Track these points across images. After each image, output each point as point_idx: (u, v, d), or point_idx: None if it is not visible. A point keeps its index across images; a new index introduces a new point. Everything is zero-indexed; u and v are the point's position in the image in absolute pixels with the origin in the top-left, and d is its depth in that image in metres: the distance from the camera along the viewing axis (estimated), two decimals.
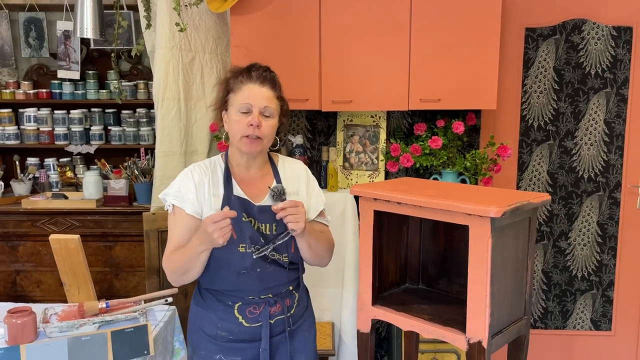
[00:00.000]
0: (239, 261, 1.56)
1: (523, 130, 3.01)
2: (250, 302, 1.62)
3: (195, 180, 1.63)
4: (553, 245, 3.08)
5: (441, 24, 2.55)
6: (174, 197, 1.63)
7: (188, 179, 1.63)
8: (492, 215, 1.29)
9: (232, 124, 1.61)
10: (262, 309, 1.62)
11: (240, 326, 1.62)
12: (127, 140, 3.46)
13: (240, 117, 1.59)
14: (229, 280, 1.60)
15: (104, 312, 1.90)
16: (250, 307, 1.62)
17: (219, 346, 1.64)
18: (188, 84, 2.77)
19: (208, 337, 1.65)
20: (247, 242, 1.56)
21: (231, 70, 1.70)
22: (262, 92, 1.61)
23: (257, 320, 1.62)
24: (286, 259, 1.62)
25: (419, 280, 1.80)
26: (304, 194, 1.70)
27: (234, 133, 1.61)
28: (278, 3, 2.57)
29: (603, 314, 3.11)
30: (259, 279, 1.60)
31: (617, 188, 3.01)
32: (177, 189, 1.63)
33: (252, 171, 1.68)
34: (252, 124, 1.57)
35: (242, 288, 1.61)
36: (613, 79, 2.93)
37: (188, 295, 2.81)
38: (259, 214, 1.60)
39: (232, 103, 1.62)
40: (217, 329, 1.64)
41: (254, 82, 1.61)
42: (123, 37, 3.33)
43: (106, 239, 3.16)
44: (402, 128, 2.99)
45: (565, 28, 2.92)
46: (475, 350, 1.38)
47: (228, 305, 1.63)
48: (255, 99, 1.59)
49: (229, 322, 1.63)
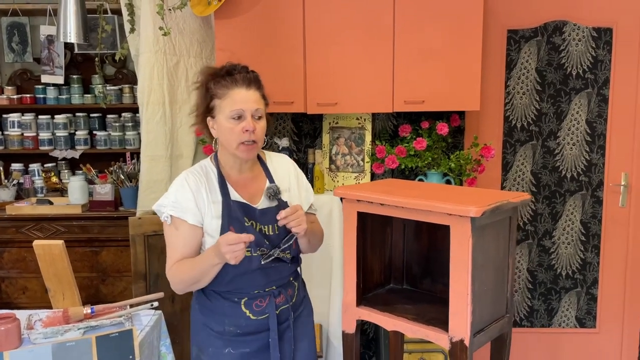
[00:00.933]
0: (246, 265, 1.58)
1: (507, 130, 3.04)
2: (256, 296, 1.65)
3: (192, 189, 1.61)
4: (538, 244, 3.12)
5: (424, 27, 2.57)
6: (172, 208, 1.60)
7: (184, 188, 1.61)
8: (472, 215, 1.31)
9: (224, 132, 1.59)
10: (268, 301, 1.66)
11: (247, 320, 1.65)
12: (112, 145, 3.45)
13: (233, 124, 1.57)
14: (235, 280, 1.63)
15: (89, 317, 1.89)
16: (256, 300, 1.65)
17: (226, 341, 1.67)
18: (173, 88, 2.77)
19: (216, 333, 1.67)
20: (252, 245, 1.57)
21: (208, 72, 1.64)
22: (250, 95, 1.58)
23: (264, 313, 1.66)
24: (289, 256, 1.67)
25: (403, 280, 1.81)
26: (295, 189, 1.72)
27: (229, 141, 1.59)
28: (262, 6, 2.58)
29: (587, 312, 3.15)
30: (264, 275, 1.64)
31: (599, 187, 3.05)
32: (174, 199, 1.61)
33: (245, 173, 1.68)
34: (248, 129, 1.56)
35: (248, 285, 1.64)
36: (594, 79, 2.98)
37: (175, 300, 2.81)
38: (261, 217, 1.62)
39: (221, 110, 1.59)
40: (225, 325, 1.66)
41: (240, 86, 1.58)
42: (107, 41, 3.32)
43: (92, 244, 3.15)
44: (388, 130, 3.01)
45: (547, 29, 2.96)
46: (457, 349, 1.40)
47: (234, 301, 1.65)
48: (245, 104, 1.57)
49: (236, 318, 1.65)
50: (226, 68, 1.62)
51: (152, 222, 2.73)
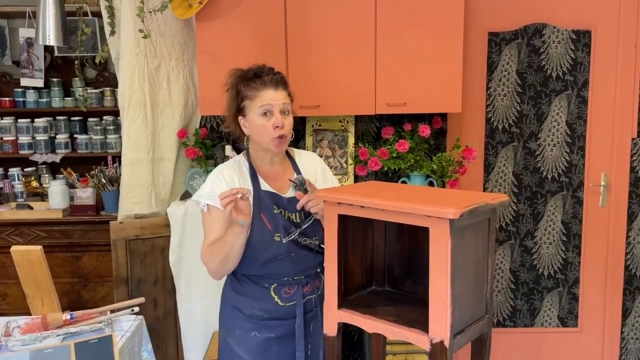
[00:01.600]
0: (275, 249, 1.74)
1: (488, 132, 3.07)
2: (285, 283, 1.80)
3: (227, 179, 1.77)
4: (520, 245, 3.14)
5: (406, 30, 2.59)
6: (208, 197, 1.75)
7: (219, 179, 1.78)
8: (450, 216, 1.32)
9: (257, 129, 1.76)
10: (296, 289, 1.80)
11: (275, 305, 1.79)
12: (94, 149, 3.42)
13: (264, 121, 1.74)
14: (266, 266, 1.77)
15: (69, 323, 1.87)
16: (285, 287, 1.80)
17: (254, 324, 1.80)
18: (154, 91, 2.75)
19: (245, 316, 1.81)
20: (282, 231, 1.74)
21: (236, 75, 1.80)
22: (278, 94, 1.75)
23: (291, 300, 1.80)
24: (316, 242, 1.79)
25: (385, 282, 1.81)
26: (321, 182, 1.90)
27: (262, 137, 1.75)
28: (244, 9, 2.58)
29: (569, 311, 3.18)
30: (292, 262, 1.78)
31: (579, 187, 3.09)
32: (210, 189, 1.76)
33: (275, 167, 1.85)
34: (278, 125, 1.73)
35: (278, 271, 1.78)
36: (573, 81, 3.02)
37: (158, 305, 2.79)
38: (289, 205, 1.78)
39: (251, 109, 1.75)
40: (254, 309, 1.80)
41: (269, 87, 1.75)
42: (87, 43, 3.29)
43: (73, 249, 3.11)
44: (371, 132, 3.02)
45: (527, 32, 2.99)
46: (437, 350, 1.40)
47: (264, 287, 1.79)
48: (274, 101, 1.74)
49: (265, 302, 1.79)
50: (253, 70, 1.78)
51: (134, 227, 2.71)
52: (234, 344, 1.84)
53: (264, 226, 1.74)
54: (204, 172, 2.78)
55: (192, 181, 2.81)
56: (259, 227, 1.73)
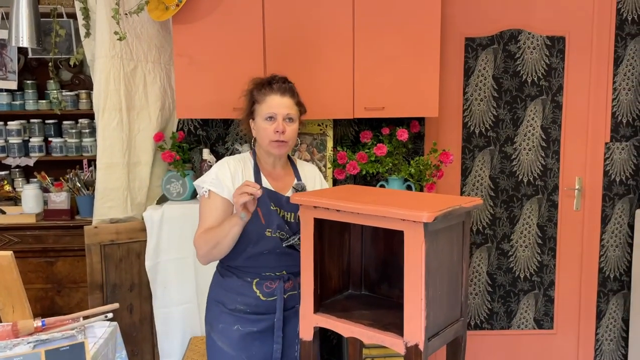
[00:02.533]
0: (264, 243, 1.82)
1: (465, 136, 3.10)
2: (267, 277, 1.87)
3: (231, 170, 1.86)
4: (496, 248, 3.18)
5: (384, 35, 2.60)
6: (211, 184, 1.84)
7: (224, 169, 1.86)
8: (424, 220, 1.33)
9: (260, 131, 1.87)
10: (277, 284, 1.87)
11: (257, 300, 1.86)
12: (69, 152, 3.36)
13: (267, 125, 1.85)
14: (252, 258, 1.84)
15: (40, 330, 1.82)
16: (267, 282, 1.87)
17: (236, 317, 1.87)
18: (130, 94, 2.72)
19: (228, 310, 1.88)
20: (274, 228, 1.82)
21: (254, 82, 1.94)
22: (284, 101, 1.86)
23: (273, 295, 1.87)
24: None
25: (361, 286, 1.81)
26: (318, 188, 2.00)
27: (263, 139, 1.86)
28: (221, 12, 2.57)
29: (545, 313, 3.22)
30: (277, 258, 1.85)
31: (554, 191, 3.13)
32: (214, 176, 1.85)
33: (278, 169, 1.95)
34: (278, 130, 1.83)
35: (262, 265, 1.85)
36: (548, 86, 3.07)
37: (133, 311, 2.75)
38: (286, 204, 1.85)
39: (259, 113, 1.88)
40: (237, 303, 1.87)
41: (276, 93, 1.87)
42: (62, 45, 3.24)
43: (47, 254, 3.05)
44: (349, 136, 3.02)
45: (503, 38, 3.03)
46: (412, 354, 1.40)
47: (247, 281, 1.87)
48: (278, 108, 1.85)
49: (247, 297, 1.86)
50: (268, 78, 1.92)
51: (109, 231, 2.67)
52: (217, 339, 1.90)
53: (258, 219, 1.81)
54: (180, 175, 2.75)
55: (168, 185, 2.78)
56: (253, 219, 1.78)
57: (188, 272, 2.72)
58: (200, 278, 2.70)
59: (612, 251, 3.16)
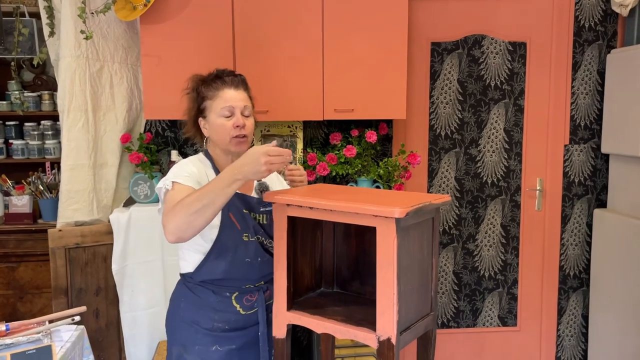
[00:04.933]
0: (244, 250, 1.72)
1: (432, 139, 3.17)
2: (246, 290, 1.77)
3: (197, 168, 1.71)
4: (462, 248, 3.25)
5: (352, 38, 2.64)
6: (175, 177, 1.64)
7: (188, 167, 1.70)
8: (396, 215, 1.35)
9: (216, 129, 1.73)
10: (258, 296, 1.78)
11: (237, 315, 1.76)
12: (30, 154, 3.28)
13: (224, 121, 1.72)
14: (231, 269, 1.72)
15: (4, 335, 1.77)
16: (247, 295, 1.77)
17: (214, 337, 1.74)
18: (96, 94, 2.67)
19: (204, 330, 1.74)
20: (251, 232, 1.74)
21: (197, 78, 1.79)
22: (239, 94, 1.75)
23: (253, 307, 1.78)
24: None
25: (334, 283, 1.83)
26: (278, 186, 1.90)
27: (222, 136, 1.73)
28: (190, 13, 2.55)
29: (509, 311, 3.31)
30: (259, 268, 1.76)
31: (517, 192, 3.23)
32: (178, 172, 1.67)
33: None
34: (239, 125, 1.71)
35: (243, 277, 1.75)
36: (510, 90, 3.16)
37: (100, 315, 2.70)
38: (257, 206, 1.77)
39: (212, 109, 1.74)
40: (214, 321, 1.75)
41: (229, 86, 1.74)
42: (24, 45, 3.16)
43: (8, 259, 2.96)
44: (319, 138, 3.05)
45: (467, 43, 3.12)
46: (385, 347, 1.43)
47: (225, 296, 1.75)
48: (235, 101, 1.73)
49: (226, 313, 1.75)
50: (215, 73, 1.78)
51: (74, 234, 2.62)
52: None
53: (233, 225, 1.72)
54: (148, 177, 2.72)
55: (136, 187, 2.74)
56: (229, 226, 1.70)
57: (156, 275, 2.69)
58: (168, 282, 2.67)
59: (572, 250, 3.28)
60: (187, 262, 1.78)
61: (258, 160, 1.49)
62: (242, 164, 1.52)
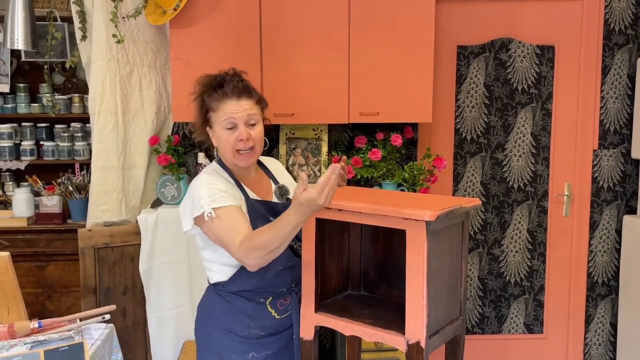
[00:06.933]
0: (279, 259, 1.59)
1: (457, 142, 3.14)
2: (280, 294, 1.74)
3: (222, 185, 1.64)
4: (487, 253, 3.22)
5: (379, 42, 2.64)
6: (212, 202, 1.58)
7: (215, 186, 1.63)
8: (427, 218, 1.35)
9: (221, 142, 1.67)
10: (291, 299, 1.75)
11: (272, 320, 1.73)
12: (60, 156, 3.35)
13: (228, 134, 1.65)
14: (267, 277, 1.68)
15: (37, 332, 1.81)
16: (280, 299, 1.74)
17: (250, 344, 1.72)
18: (126, 97, 2.72)
19: (240, 338, 1.71)
20: None
21: (202, 83, 1.70)
22: (242, 104, 1.65)
23: (287, 311, 1.75)
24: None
25: (360, 286, 1.83)
26: (290, 185, 1.84)
27: (226, 150, 1.67)
28: (218, 17, 2.59)
29: (535, 318, 3.26)
30: (291, 272, 1.73)
31: (544, 197, 3.19)
32: (209, 194, 1.60)
33: (252, 174, 1.78)
34: (242, 139, 1.63)
35: (278, 283, 1.72)
36: (538, 94, 3.13)
37: (127, 315, 2.74)
38: (282, 210, 1.60)
39: (215, 121, 1.67)
40: (250, 328, 1.72)
41: (230, 97, 1.64)
42: (56, 49, 3.24)
43: (38, 258, 3.03)
44: (343, 141, 3.05)
45: (494, 46, 3.09)
46: (414, 351, 1.42)
47: (260, 302, 1.72)
48: (237, 113, 1.64)
49: (261, 319, 1.72)
50: (218, 79, 1.68)
51: (103, 234, 2.66)
52: None
53: None
54: (175, 179, 2.75)
55: (163, 188, 2.78)
56: None
57: (182, 276, 2.71)
58: (194, 282, 2.70)
59: (601, 256, 3.22)
60: (218, 274, 1.75)
61: (316, 204, 1.39)
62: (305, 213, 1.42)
